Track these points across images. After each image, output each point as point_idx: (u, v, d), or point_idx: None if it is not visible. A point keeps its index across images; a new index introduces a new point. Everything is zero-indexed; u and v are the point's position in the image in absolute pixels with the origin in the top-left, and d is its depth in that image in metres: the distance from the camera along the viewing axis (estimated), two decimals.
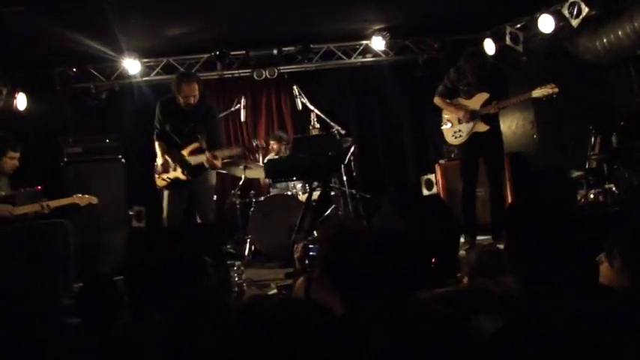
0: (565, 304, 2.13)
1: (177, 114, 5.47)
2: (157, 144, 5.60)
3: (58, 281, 4.57)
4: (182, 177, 5.47)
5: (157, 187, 5.68)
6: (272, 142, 7.46)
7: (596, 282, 2.37)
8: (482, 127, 5.40)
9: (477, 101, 5.42)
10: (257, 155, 7.18)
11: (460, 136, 5.54)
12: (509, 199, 6.62)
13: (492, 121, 5.43)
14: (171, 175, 5.50)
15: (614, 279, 2.25)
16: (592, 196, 6.06)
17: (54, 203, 5.01)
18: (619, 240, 2.28)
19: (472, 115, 5.41)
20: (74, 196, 5.22)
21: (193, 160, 5.44)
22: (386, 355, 1.86)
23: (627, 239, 2.26)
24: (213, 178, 5.70)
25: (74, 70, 7.37)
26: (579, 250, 2.00)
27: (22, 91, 6.82)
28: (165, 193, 5.57)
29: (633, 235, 2.28)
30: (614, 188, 6.04)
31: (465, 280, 3.05)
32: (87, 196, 5.27)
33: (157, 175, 5.61)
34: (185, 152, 5.47)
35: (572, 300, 2.18)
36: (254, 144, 5.75)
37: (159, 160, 5.60)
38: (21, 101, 6.80)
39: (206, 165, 5.40)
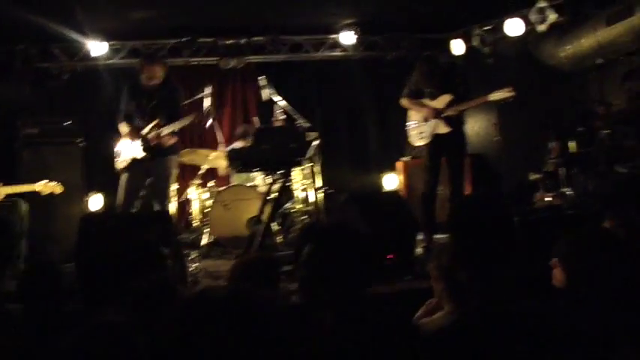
0: (514, 304, 2.17)
1: (141, 95, 5.53)
2: (120, 125, 5.60)
3: (6, 266, 4.45)
4: (139, 156, 5.41)
5: (115, 171, 5.61)
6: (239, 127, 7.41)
7: (548, 284, 2.42)
8: (443, 129, 5.44)
9: (440, 102, 5.46)
10: (213, 127, 7.02)
11: (424, 136, 5.58)
12: None
13: (455, 122, 5.47)
14: (129, 155, 5.45)
15: (566, 283, 2.29)
16: (548, 198, 6.19)
17: (13, 189, 4.86)
18: (564, 246, 2.31)
19: (437, 113, 5.46)
20: (38, 183, 5.06)
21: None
22: (336, 345, 1.87)
23: (572, 245, 2.30)
24: (173, 164, 5.64)
25: (36, 48, 7.17)
26: (524, 251, 2.04)
27: None
28: (123, 176, 5.51)
29: (577, 240, 2.32)
30: (569, 192, 6.17)
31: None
32: (52, 183, 5.13)
33: (116, 158, 5.57)
34: (145, 130, 5.44)
35: (520, 300, 2.22)
36: (204, 110, 5.70)
37: (119, 144, 5.58)
38: None
39: (151, 142, 5.37)
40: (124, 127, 5.57)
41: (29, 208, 4.93)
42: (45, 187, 5.07)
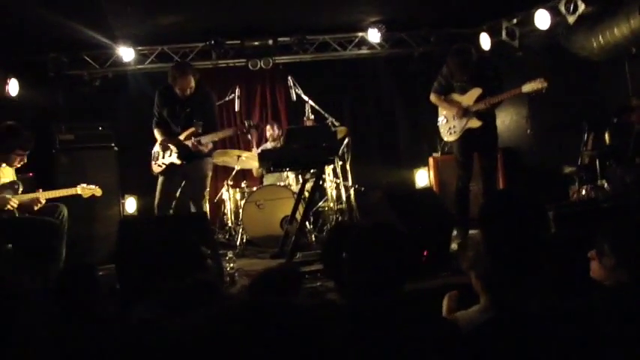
0: (549, 300, 2.15)
1: (175, 100, 5.54)
2: (155, 131, 5.65)
3: (50, 268, 4.55)
4: (177, 162, 5.49)
5: (152, 174, 5.69)
6: (267, 127, 7.46)
7: (587, 277, 2.39)
8: (475, 123, 5.38)
9: (470, 97, 5.41)
10: (249, 137, 7.14)
11: (454, 132, 5.53)
12: None
13: (486, 117, 5.41)
14: (167, 160, 5.53)
15: (605, 275, 2.26)
16: (584, 192, 6.10)
17: (54, 194, 4.96)
18: (610, 237, 2.28)
19: (465, 111, 5.40)
20: (78, 186, 5.16)
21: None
22: (375, 345, 1.88)
23: (618, 236, 2.27)
24: (208, 167, 5.70)
25: (68, 56, 7.31)
26: (559, 245, 2.02)
27: (14, 77, 6.76)
28: (160, 179, 5.59)
29: (624, 231, 2.29)
30: (605, 185, 6.07)
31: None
32: (92, 186, 5.22)
33: (153, 162, 5.64)
34: (182, 137, 5.49)
35: (556, 296, 2.20)
36: (246, 124, 5.73)
37: (156, 147, 5.64)
38: (13, 87, 6.75)
39: (192, 150, 5.42)
40: (158, 133, 5.62)
41: (68, 212, 5.02)
42: (85, 190, 5.15)
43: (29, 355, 2.20)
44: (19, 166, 4.96)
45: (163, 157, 5.55)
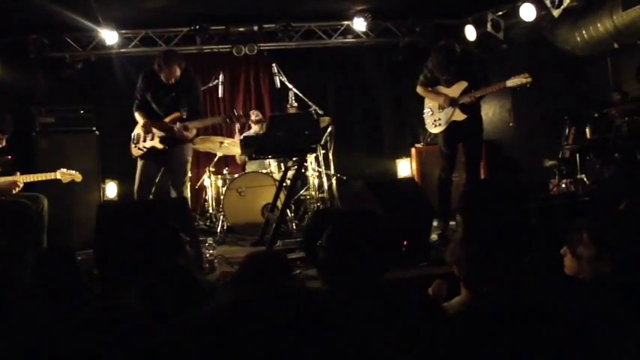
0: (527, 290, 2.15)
1: (159, 85, 5.51)
2: (136, 114, 5.60)
3: (28, 255, 4.51)
4: (159, 146, 5.45)
5: (132, 157, 5.65)
6: (254, 112, 7.42)
7: (560, 271, 2.41)
8: (460, 116, 5.41)
9: (456, 89, 5.43)
10: (236, 126, 7.15)
11: (440, 124, 5.56)
12: None
13: (471, 109, 5.44)
14: (148, 144, 5.49)
15: (580, 268, 2.27)
16: (563, 185, 6.16)
17: (32, 177, 4.91)
18: (589, 226, 2.28)
19: (452, 102, 5.43)
20: (57, 171, 5.12)
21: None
22: (358, 332, 1.87)
23: (598, 224, 2.27)
24: (189, 152, 5.68)
25: (49, 38, 7.20)
26: (540, 238, 2.03)
27: None
28: (140, 162, 5.56)
29: (604, 220, 2.30)
30: (585, 178, 6.14)
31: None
32: (72, 171, 5.18)
33: (133, 145, 5.60)
34: (166, 121, 5.46)
35: (534, 286, 2.21)
36: (235, 113, 5.73)
37: (137, 129, 5.59)
38: None
39: (177, 135, 5.40)
40: (140, 116, 5.56)
41: (47, 196, 4.98)
42: (65, 175, 5.11)
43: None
44: None
45: (144, 141, 5.51)
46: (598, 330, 1.54)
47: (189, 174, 5.78)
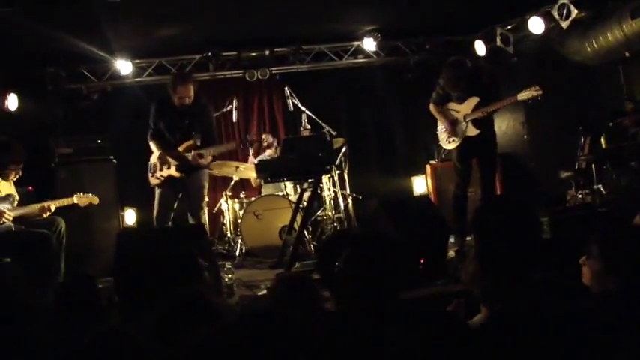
0: (540, 305, 2.15)
1: (172, 112, 5.54)
2: (151, 143, 5.64)
3: (48, 281, 4.58)
4: (175, 174, 5.51)
5: (150, 186, 5.71)
6: (264, 136, 7.49)
7: (577, 283, 2.40)
8: (473, 132, 5.42)
9: (468, 105, 5.44)
10: (250, 151, 7.21)
11: (454, 140, 5.57)
12: None
13: (484, 124, 5.45)
14: (165, 173, 5.54)
15: (593, 281, 2.26)
16: (580, 196, 6.12)
17: (55, 204, 5.02)
18: (599, 239, 2.28)
19: (463, 120, 5.44)
20: (74, 195, 5.22)
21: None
22: (374, 352, 1.89)
23: (608, 238, 2.26)
24: (205, 178, 5.72)
25: (66, 70, 7.36)
26: (557, 250, 2.03)
27: (13, 91, 6.79)
28: (157, 191, 5.61)
29: (614, 233, 2.28)
30: (602, 189, 6.10)
31: None
32: (88, 195, 5.28)
33: (150, 174, 5.65)
34: (180, 149, 5.52)
35: (546, 301, 2.20)
36: (248, 138, 5.78)
37: (153, 159, 5.64)
38: (12, 102, 6.78)
39: (192, 163, 5.44)
40: (155, 146, 5.61)
41: (67, 225, 5.06)
42: (82, 199, 5.21)
43: None
44: (14, 179, 5.00)
45: (161, 170, 5.57)
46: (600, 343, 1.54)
47: (206, 199, 5.82)
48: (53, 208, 4.92)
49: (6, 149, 4.91)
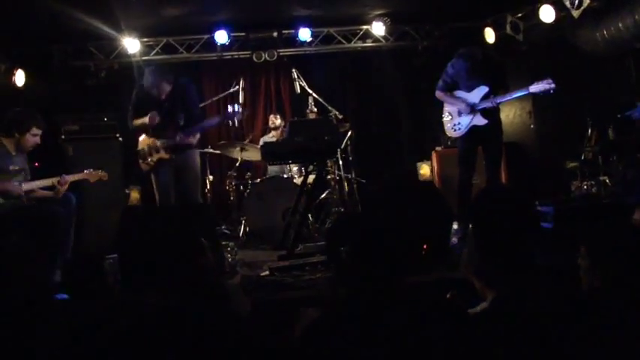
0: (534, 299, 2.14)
1: (152, 98, 5.39)
2: (134, 122, 5.49)
3: (57, 258, 4.60)
4: (165, 156, 5.37)
5: (143, 172, 5.61)
6: (272, 117, 7.46)
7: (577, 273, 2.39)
8: (480, 121, 5.39)
9: (476, 94, 5.42)
10: (237, 123, 7.02)
11: (459, 129, 5.54)
12: None
13: (491, 114, 5.42)
14: (155, 157, 5.41)
15: (582, 277, 2.23)
16: (585, 187, 6.10)
17: (67, 178, 5.03)
18: (588, 237, 2.25)
19: (472, 109, 5.41)
20: (85, 171, 5.23)
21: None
22: (376, 336, 1.90)
23: (596, 237, 2.23)
24: (195, 157, 5.54)
25: (73, 47, 7.35)
26: (561, 241, 2.02)
27: (20, 67, 6.81)
28: (153, 176, 5.46)
29: (603, 233, 2.25)
30: (607, 180, 6.08)
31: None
32: (99, 171, 5.28)
33: (141, 161, 5.51)
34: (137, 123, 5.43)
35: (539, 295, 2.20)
36: (229, 109, 5.62)
37: (141, 145, 5.51)
38: (19, 78, 6.80)
39: (179, 143, 5.32)
40: (139, 124, 5.45)
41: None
42: (92, 175, 5.22)
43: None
44: (31, 149, 5.00)
45: (151, 155, 5.43)
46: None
47: (210, 177, 5.75)
48: (69, 181, 4.92)
49: (29, 113, 4.94)
